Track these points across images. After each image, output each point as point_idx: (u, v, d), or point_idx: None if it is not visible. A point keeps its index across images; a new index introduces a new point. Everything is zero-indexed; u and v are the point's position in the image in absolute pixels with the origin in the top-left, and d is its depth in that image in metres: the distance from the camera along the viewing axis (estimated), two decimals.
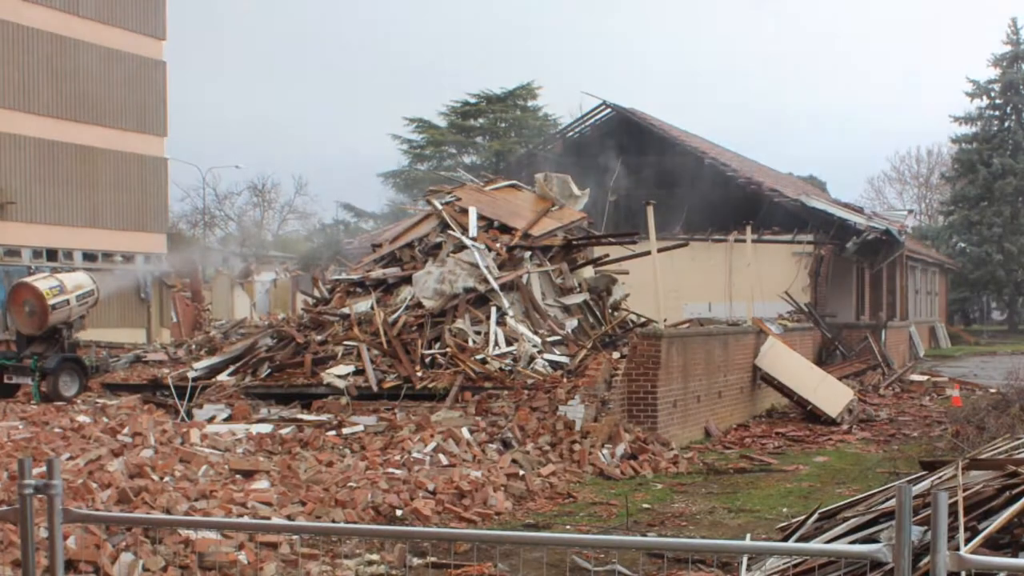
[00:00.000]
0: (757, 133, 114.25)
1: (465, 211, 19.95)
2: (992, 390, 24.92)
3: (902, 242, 36.29)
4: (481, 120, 66.29)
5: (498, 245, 19.17)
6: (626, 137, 38.36)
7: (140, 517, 8.71)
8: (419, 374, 17.03)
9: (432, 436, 14.33)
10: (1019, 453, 8.62)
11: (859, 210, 36.62)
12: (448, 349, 17.40)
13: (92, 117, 41.36)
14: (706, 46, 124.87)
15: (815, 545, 7.35)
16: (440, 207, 20.09)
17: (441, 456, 13.72)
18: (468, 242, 18.98)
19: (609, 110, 39.06)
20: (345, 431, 15.15)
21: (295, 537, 9.51)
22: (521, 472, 13.54)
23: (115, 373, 22.44)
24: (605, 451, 15.08)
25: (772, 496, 13.28)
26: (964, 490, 7.00)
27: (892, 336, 34.33)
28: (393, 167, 67.95)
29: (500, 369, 16.94)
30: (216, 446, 13.78)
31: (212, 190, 75.34)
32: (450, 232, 19.47)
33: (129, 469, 11.73)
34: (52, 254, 39.83)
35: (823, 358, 28.93)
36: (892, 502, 7.43)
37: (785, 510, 12.10)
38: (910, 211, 50.01)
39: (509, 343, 17.55)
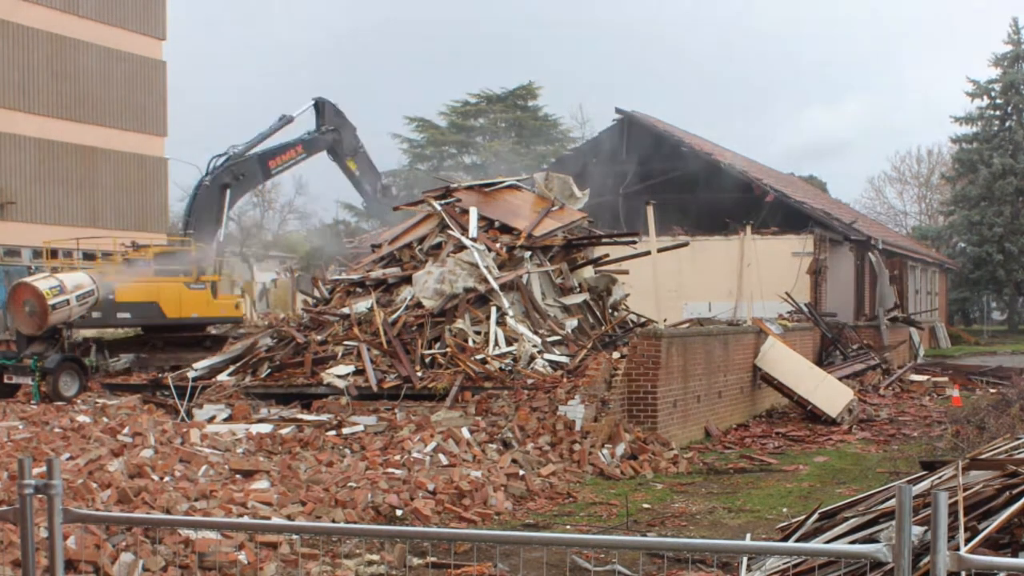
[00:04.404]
0: (757, 133, 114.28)
1: (465, 211, 19.96)
2: (992, 390, 24.94)
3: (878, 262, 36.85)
4: (481, 120, 66.32)
5: (498, 245, 19.18)
6: (629, 139, 38.42)
7: (140, 517, 8.71)
8: (419, 374, 17.04)
9: (432, 436, 14.34)
10: (1019, 453, 8.62)
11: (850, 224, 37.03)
12: (448, 349, 17.40)
13: (92, 117, 41.39)
14: (702, 44, 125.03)
15: (815, 545, 7.35)
16: (440, 208, 20.10)
17: (441, 456, 13.73)
18: (468, 242, 18.99)
19: (617, 114, 39.21)
20: (345, 431, 15.16)
21: (295, 537, 9.51)
22: (521, 472, 13.54)
23: (115, 373, 22.46)
24: (605, 451, 15.09)
25: (772, 496, 13.28)
26: (964, 490, 7.00)
27: (892, 336, 34.36)
28: (393, 167, 67.98)
29: (500, 369, 16.95)
30: (216, 446, 13.78)
31: None
32: (450, 232, 19.48)
33: (129, 469, 11.74)
34: (52, 254, 39.83)
35: (823, 358, 28.93)
36: (892, 502, 7.44)
37: (785, 510, 12.10)
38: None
39: (509, 343, 17.56)
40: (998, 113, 64.91)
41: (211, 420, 16.45)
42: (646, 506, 12.62)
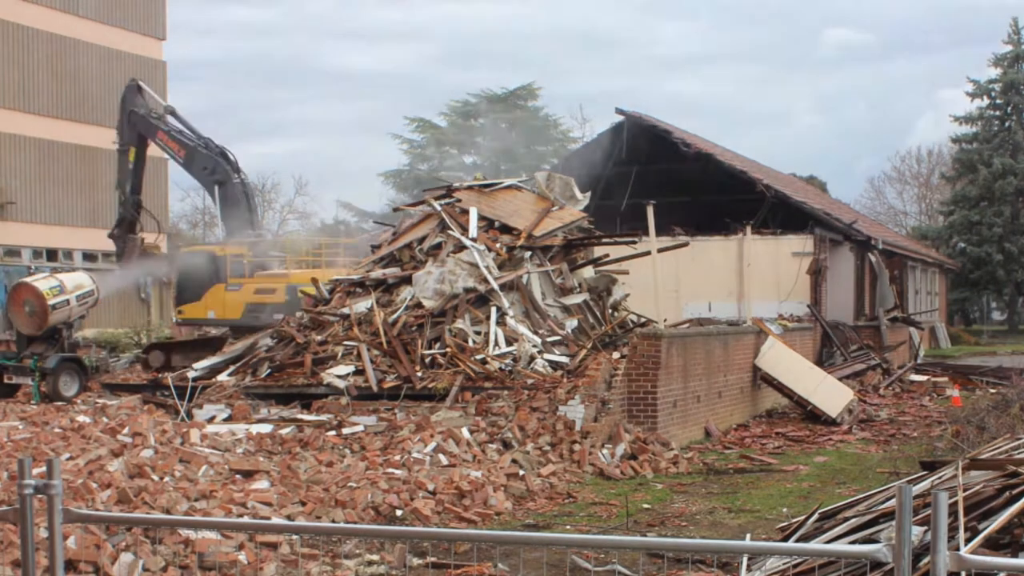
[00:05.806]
0: (756, 133, 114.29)
1: (466, 212, 19.95)
2: (992, 390, 24.93)
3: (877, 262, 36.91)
4: (482, 120, 66.31)
5: (498, 245, 19.17)
6: (629, 139, 38.41)
7: (140, 517, 8.72)
8: (419, 374, 17.04)
9: (432, 436, 14.34)
10: (1019, 453, 8.62)
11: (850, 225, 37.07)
12: (448, 349, 17.40)
13: (92, 117, 41.35)
14: (700, 40, 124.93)
15: (815, 545, 7.35)
16: (440, 208, 20.09)
17: (441, 456, 13.72)
18: (468, 242, 18.98)
19: (618, 115, 39.25)
20: (345, 431, 15.16)
21: (295, 537, 9.51)
22: (521, 472, 13.54)
23: (115, 373, 22.47)
24: (605, 451, 15.09)
25: (772, 496, 13.28)
26: (964, 490, 7.01)
27: (892, 336, 34.35)
28: (393, 167, 68.02)
29: (500, 369, 16.94)
30: (216, 446, 13.78)
31: None
32: (450, 232, 19.47)
33: (129, 469, 11.74)
34: (52, 254, 39.87)
35: (823, 358, 28.93)
36: (892, 502, 7.44)
37: (785, 510, 12.09)
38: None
39: (509, 343, 17.56)
40: (998, 113, 64.93)
41: (211, 420, 16.44)
42: (646, 506, 12.62)
